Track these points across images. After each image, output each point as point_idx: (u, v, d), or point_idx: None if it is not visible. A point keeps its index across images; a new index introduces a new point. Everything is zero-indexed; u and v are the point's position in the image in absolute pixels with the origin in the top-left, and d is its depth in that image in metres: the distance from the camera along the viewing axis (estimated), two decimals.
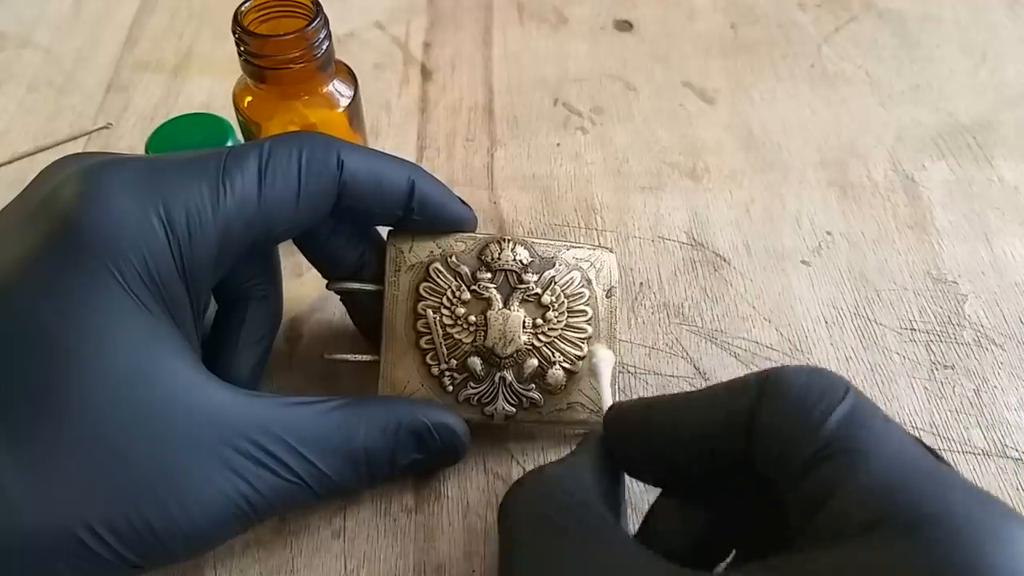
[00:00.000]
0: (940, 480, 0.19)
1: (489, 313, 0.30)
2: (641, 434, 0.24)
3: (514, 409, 0.30)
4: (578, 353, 0.30)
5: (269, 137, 0.27)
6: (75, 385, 0.22)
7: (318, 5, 0.33)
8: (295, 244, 0.31)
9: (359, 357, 0.31)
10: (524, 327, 0.30)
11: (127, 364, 0.23)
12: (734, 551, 0.25)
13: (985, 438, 0.32)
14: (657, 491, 0.26)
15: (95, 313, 0.23)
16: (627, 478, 0.26)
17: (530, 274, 0.30)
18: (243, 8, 0.32)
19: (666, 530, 0.25)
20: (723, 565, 0.25)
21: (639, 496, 0.30)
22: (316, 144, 0.27)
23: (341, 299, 0.32)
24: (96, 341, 0.23)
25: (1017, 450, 0.32)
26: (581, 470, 0.24)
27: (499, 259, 0.30)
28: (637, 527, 0.25)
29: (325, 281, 0.31)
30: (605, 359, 0.29)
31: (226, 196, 0.25)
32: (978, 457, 0.32)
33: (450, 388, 0.30)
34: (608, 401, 0.28)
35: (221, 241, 0.25)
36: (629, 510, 0.29)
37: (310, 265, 0.31)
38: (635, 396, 0.33)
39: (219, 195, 0.25)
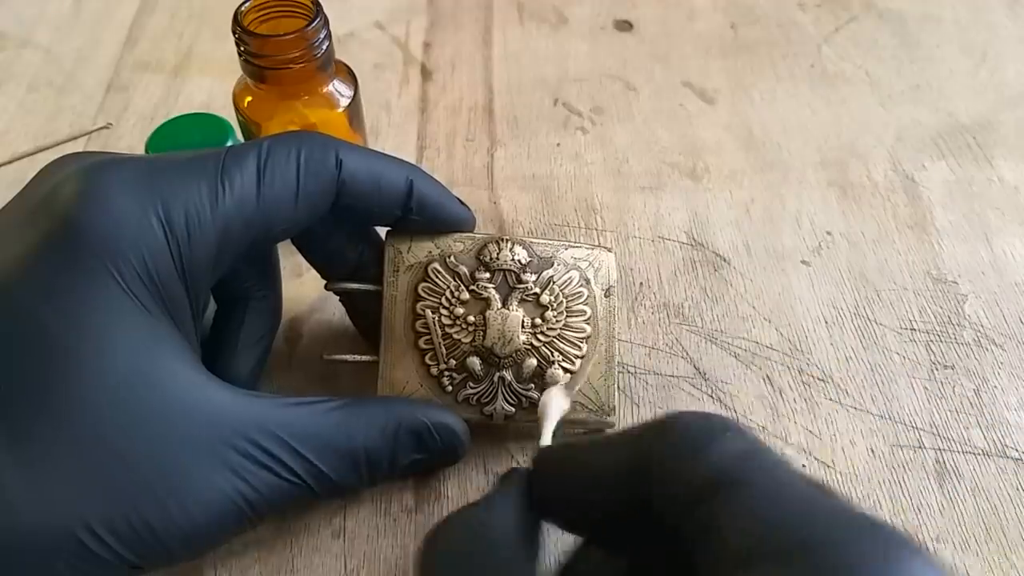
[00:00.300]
0: (822, 510, 0.19)
1: (488, 313, 0.30)
2: (556, 475, 0.24)
3: (513, 409, 0.30)
4: (577, 353, 0.30)
5: (268, 137, 0.27)
6: (74, 385, 0.22)
7: (318, 5, 0.33)
8: (294, 244, 0.31)
9: (358, 357, 0.31)
10: (523, 327, 0.30)
11: (126, 364, 0.23)
12: None
13: (985, 438, 0.32)
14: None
15: (94, 313, 0.23)
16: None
17: (529, 274, 0.30)
18: (243, 8, 0.32)
19: None
20: None
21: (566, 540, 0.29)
22: (315, 144, 0.27)
23: (340, 299, 0.32)
24: (95, 341, 0.23)
25: (1017, 450, 0.32)
26: (502, 511, 0.23)
27: (497, 259, 0.30)
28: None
29: (324, 281, 0.31)
30: (555, 404, 0.29)
31: (225, 196, 0.25)
32: (978, 457, 0.32)
33: (449, 388, 0.30)
34: (546, 442, 0.27)
35: (220, 241, 0.25)
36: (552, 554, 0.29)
37: (310, 265, 0.31)
38: (635, 396, 0.33)
39: (218, 195, 0.25)
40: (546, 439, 0.28)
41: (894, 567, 0.17)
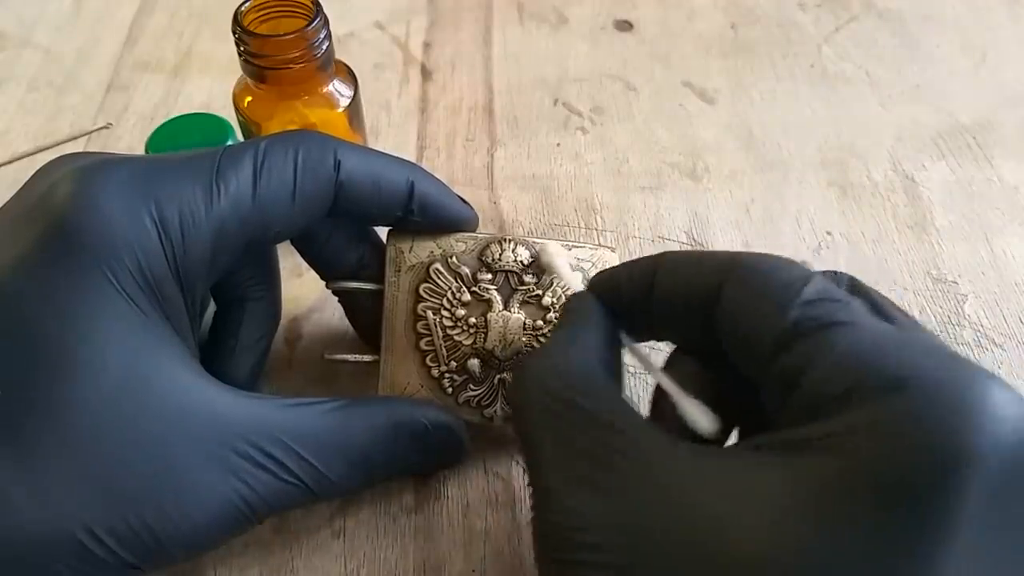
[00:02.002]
0: (911, 346, 0.20)
1: (489, 315, 0.30)
2: (625, 291, 0.25)
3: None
4: None
5: (265, 136, 0.27)
6: (71, 387, 0.22)
7: (318, 5, 0.33)
8: (293, 245, 0.31)
9: (359, 357, 0.31)
10: (524, 329, 0.30)
11: (123, 366, 0.23)
12: (737, 430, 0.25)
13: None
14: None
15: (90, 315, 0.23)
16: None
17: (531, 275, 0.30)
18: (243, 8, 0.32)
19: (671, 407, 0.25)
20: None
21: None
22: (312, 143, 0.27)
23: (339, 300, 0.32)
24: (91, 343, 0.23)
25: None
26: (580, 344, 0.24)
27: (500, 260, 0.30)
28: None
29: (324, 281, 0.31)
30: (560, 258, 0.29)
31: (220, 196, 0.25)
32: None
33: (450, 390, 0.30)
34: (577, 287, 0.28)
35: (215, 241, 0.25)
36: None
37: (309, 266, 0.31)
38: (636, 397, 0.33)
39: (213, 195, 0.25)
40: (576, 284, 0.29)
41: (979, 396, 0.18)
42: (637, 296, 0.25)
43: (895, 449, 0.18)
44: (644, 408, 0.33)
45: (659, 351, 0.27)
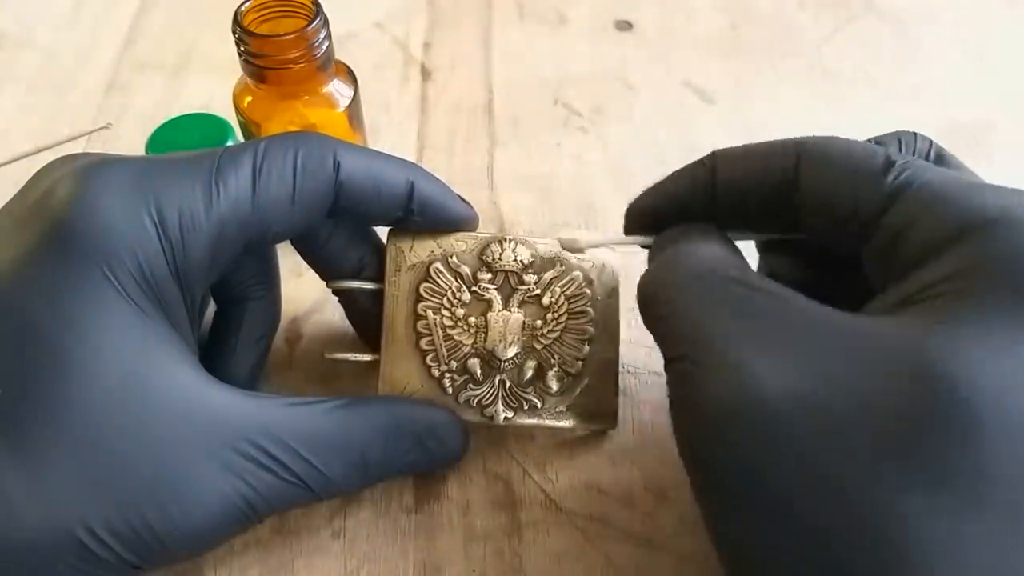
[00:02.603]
0: (997, 190, 0.22)
1: (489, 315, 0.30)
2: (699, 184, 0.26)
3: (513, 412, 0.30)
4: (578, 355, 0.30)
5: (265, 137, 0.27)
6: (72, 387, 0.22)
7: (318, 5, 0.33)
8: (293, 246, 0.31)
9: (359, 357, 0.31)
10: (524, 329, 0.30)
11: (123, 366, 0.23)
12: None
13: None
14: None
15: (90, 315, 0.23)
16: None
17: (531, 275, 0.30)
18: (243, 8, 0.32)
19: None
20: None
21: None
22: (312, 144, 0.27)
23: (339, 299, 0.32)
24: (91, 343, 0.23)
25: None
26: (709, 241, 0.25)
27: (500, 259, 0.30)
28: None
29: (325, 281, 0.31)
30: (573, 238, 0.29)
31: (219, 196, 0.25)
32: None
33: (450, 390, 0.30)
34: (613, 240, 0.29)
35: (215, 241, 0.25)
36: None
37: (309, 267, 0.31)
38: (637, 397, 0.33)
39: (212, 195, 0.25)
40: (612, 239, 0.29)
41: None
42: (699, 199, 0.26)
43: (1016, 264, 0.20)
44: (643, 411, 0.33)
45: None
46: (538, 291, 0.30)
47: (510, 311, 0.30)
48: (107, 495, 0.22)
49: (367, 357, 0.31)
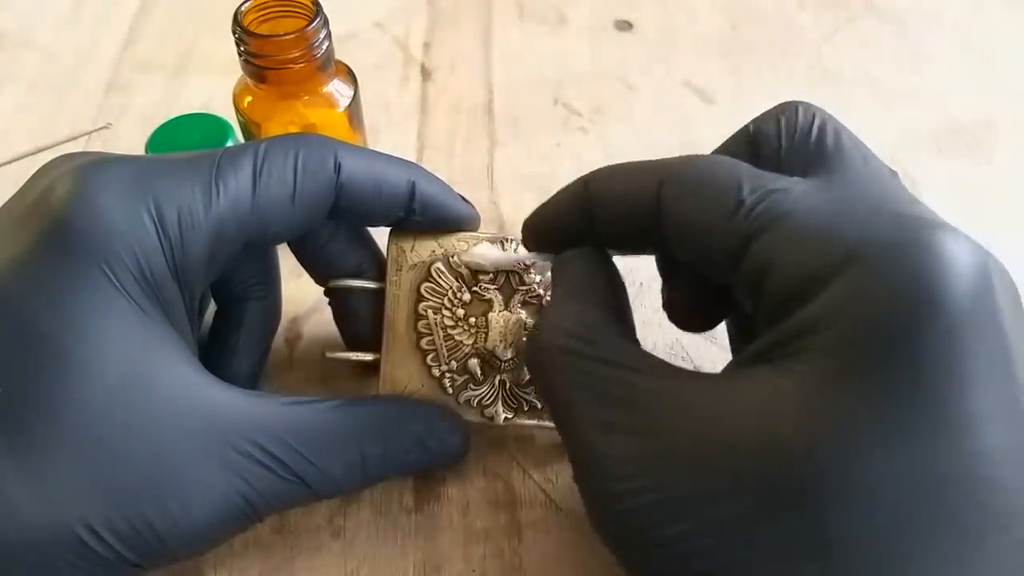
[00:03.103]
0: (854, 212, 0.21)
1: (490, 315, 0.30)
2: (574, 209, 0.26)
3: (513, 412, 0.30)
4: None
5: (265, 139, 0.27)
6: (72, 386, 0.22)
7: (318, 5, 0.33)
8: (290, 249, 0.31)
9: (360, 356, 0.31)
10: (525, 329, 0.30)
11: (123, 364, 0.23)
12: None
13: None
14: None
15: (89, 313, 0.23)
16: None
17: (532, 275, 0.30)
18: (243, 8, 0.32)
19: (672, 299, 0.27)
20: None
21: None
22: (312, 145, 0.27)
23: (329, 302, 0.32)
24: (91, 341, 0.23)
25: None
26: (577, 296, 0.25)
27: None
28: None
29: (320, 284, 0.31)
30: (477, 254, 0.30)
31: (219, 196, 0.25)
32: None
33: (450, 390, 0.30)
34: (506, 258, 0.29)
35: (214, 240, 0.25)
36: None
37: (306, 271, 0.31)
38: None
39: (212, 194, 0.25)
40: (507, 256, 0.29)
41: (933, 250, 0.19)
42: (577, 221, 0.26)
43: (863, 316, 0.19)
44: None
45: None
46: (539, 291, 0.30)
47: (511, 311, 0.30)
48: (107, 493, 0.22)
49: (367, 357, 0.31)
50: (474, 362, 0.30)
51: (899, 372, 0.18)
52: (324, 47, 0.33)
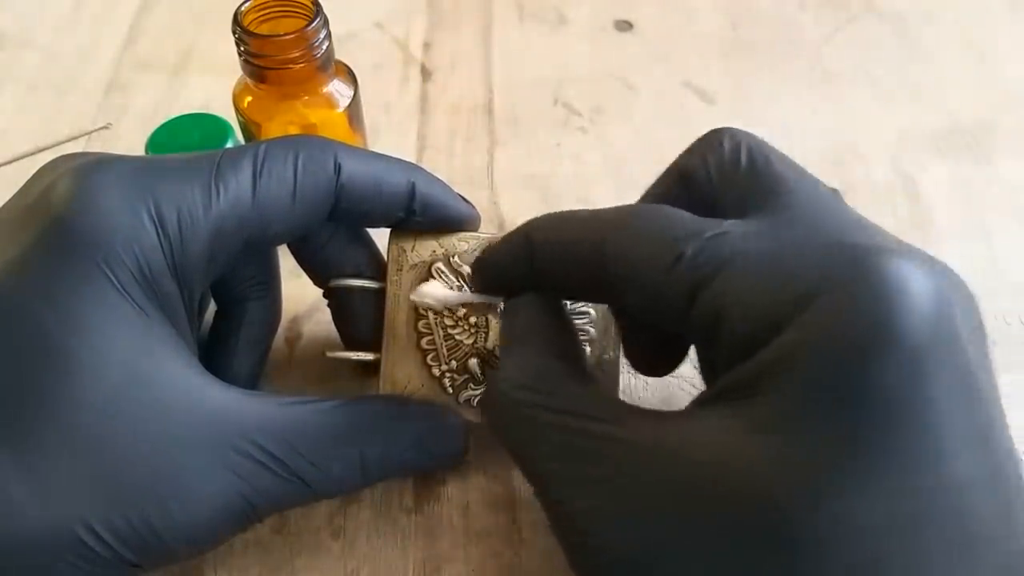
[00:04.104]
0: (802, 253, 0.20)
1: (490, 315, 0.30)
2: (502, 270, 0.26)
3: None
4: None
5: (264, 140, 0.27)
6: (72, 386, 0.22)
7: (318, 5, 0.33)
8: (289, 249, 0.31)
9: (360, 355, 0.31)
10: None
11: (124, 364, 0.23)
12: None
13: None
14: None
15: (89, 313, 0.23)
16: None
17: None
18: (243, 8, 0.32)
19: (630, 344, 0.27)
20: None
21: None
22: (312, 147, 0.27)
23: (328, 304, 0.32)
24: (92, 341, 0.23)
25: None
26: (529, 348, 0.24)
27: None
28: None
29: (319, 285, 0.31)
30: (426, 293, 0.29)
31: (219, 196, 0.25)
32: None
33: (450, 389, 0.30)
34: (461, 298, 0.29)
35: (213, 241, 0.25)
36: None
37: (305, 272, 0.31)
38: (637, 397, 0.33)
39: (211, 195, 0.25)
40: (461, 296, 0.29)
41: (889, 286, 0.18)
42: (521, 270, 0.26)
43: (820, 358, 0.18)
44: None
45: None
46: None
47: None
48: (107, 493, 0.22)
49: (368, 356, 0.31)
50: (474, 362, 0.30)
51: (861, 412, 0.18)
52: (324, 47, 0.33)
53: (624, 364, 0.34)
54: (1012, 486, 0.19)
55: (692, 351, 0.27)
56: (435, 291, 0.29)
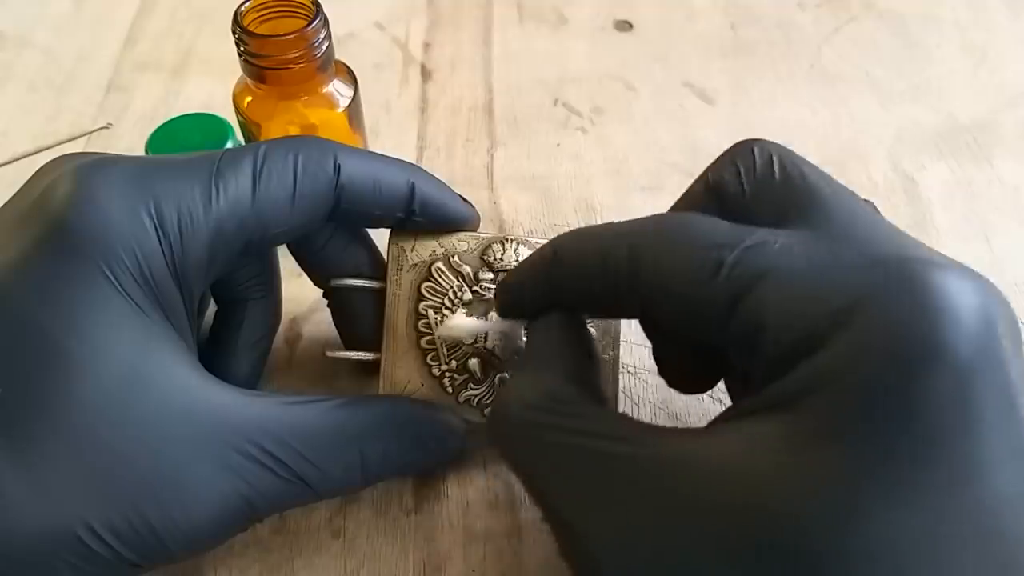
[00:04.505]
0: (843, 264, 0.20)
1: (491, 315, 0.30)
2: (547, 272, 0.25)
3: None
4: None
5: (264, 141, 0.27)
6: (72, 386, 0.22)
7: (318, 5, 0.33)
8: (290, 251, 0.31)
9: (361, 355, 0.31)
10: (525, 329, 0.30)
11: (123, 364, 0.23)
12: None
13: None
14: None
15: (89, 313, 0.23)
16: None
17: None
18: (243, 8, 0.32)
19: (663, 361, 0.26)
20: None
21: None
22: (312, 148, 0.27)
23: (328, 304, 0.32)
24: (91, 342, 0.23)
25: None
26: (547, 368, 0.24)
27: (502, 260, 0.30)
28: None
29: (319, 285, 0.31)
30: (454, 327, 0.29)
31: (219, 196, 0.25)
32: None
33: (450, 389, 0.30)
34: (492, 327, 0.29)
35: (213, 241, 0.25)
36: None
37: (305, 273, 0.31)
38: (636, 397, 0.33)
39: (211, 195, 0.25)
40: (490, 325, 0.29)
41: (933, 298, 0.18)
42: (545, 288, 0.25)
43: (866, 373, 0.18)
44: (643, 412, 0.33)
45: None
46: None
47: None
48: (107, 493, 0.22)
49: (368, 356, 0.31)
50: (474, 362, 0.30)
51: (904, 428, 0.17)
52: (324, 47, 0.33)
53: (624, 364, 0.34)
54: None
55: None
56: (463, 323, 0.29)
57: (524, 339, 0.29)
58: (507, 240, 0.30)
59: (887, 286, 0.18)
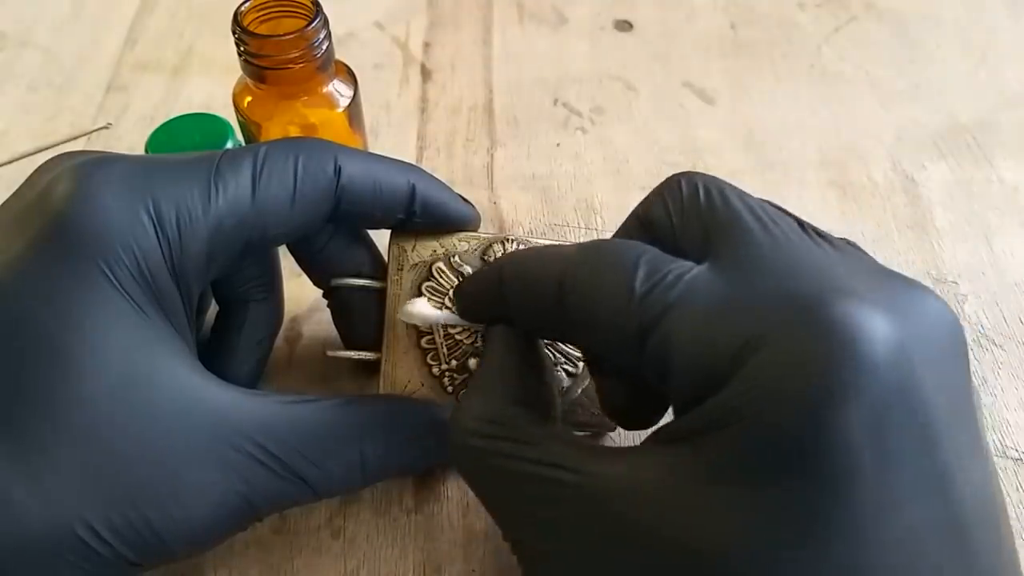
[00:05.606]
0: (748, 298, 0.19)
1: None
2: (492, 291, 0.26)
3: None
4: (578, 355, 0.30)
5: (264, 142, 0.27)
6: (72, 385, 0.22)
7: (318, 5, 0.33)
8: (290, 251, 0.31)
9: (361, 354, 0.31)
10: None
11: (122, 364, 0.23)
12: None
13: None
14: None
15: (88, 312, 0.23)
16: None
17: None
18: (243, 8, 0.32)
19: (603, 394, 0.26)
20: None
21: None
22: (312, 149, 0.27)
23: (328, 304, 0.32)
24: (90, 341, 0.23)
25: (1017, 450, 0.32)
26: (492, 388, 0.24)
27: None
28: None
29: (319, 286, 0.31)
30: (413, 313, 0.29)
31: (218, 196, 0.25)
32: None
33: (450, 388, 0.30)
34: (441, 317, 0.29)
35: (212, 241, 0.25)
36: None
37: (305, 274, 0.31)
38: None
39: (211, 195, 0.25)
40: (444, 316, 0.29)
41: (833, 333, 0.17)
42: (492, 302, 0.26)
43: (767, 413, 0.18)
44: None
45: None
46: None
47: None
48: (106, 492, 0.22)
49: (368, 355, 0.31)
50: (474, 361, 0.30)
51: (804, 469, 0.17)
52: (324, 47, 0.33)
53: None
54: (978, 532, 0.18)
55: None
56: (422, 310, 0.29)
57: None
58: (508, 240, 0.30)
59: (787, 323, 0.18)
